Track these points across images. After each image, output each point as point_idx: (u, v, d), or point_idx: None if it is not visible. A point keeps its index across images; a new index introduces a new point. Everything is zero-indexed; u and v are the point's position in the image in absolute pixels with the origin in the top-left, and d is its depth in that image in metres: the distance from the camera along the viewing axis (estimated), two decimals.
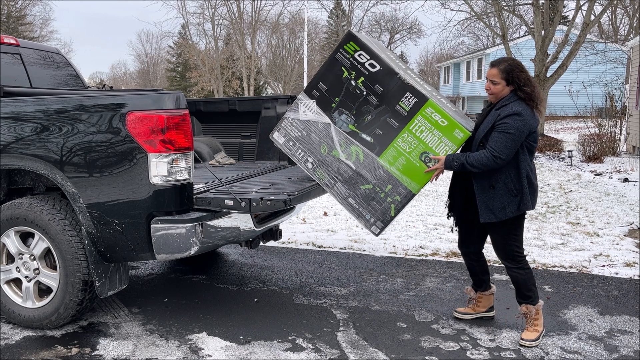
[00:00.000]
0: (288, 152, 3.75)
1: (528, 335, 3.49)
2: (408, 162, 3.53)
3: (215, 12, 38.76)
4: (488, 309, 3.87)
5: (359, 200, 3.63)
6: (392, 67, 3.53)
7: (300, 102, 3.70)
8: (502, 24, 17.40)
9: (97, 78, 62.39)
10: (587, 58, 20.18)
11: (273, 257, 5.49)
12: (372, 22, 55.46)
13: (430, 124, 3.47)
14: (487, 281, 3.86)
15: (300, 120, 3.71)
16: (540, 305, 3.56)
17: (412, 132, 3.50)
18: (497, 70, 3.43)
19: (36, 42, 5.83)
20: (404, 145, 3.52)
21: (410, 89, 3.48)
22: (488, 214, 3.41)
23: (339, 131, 3.63)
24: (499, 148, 3.28)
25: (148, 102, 3.27)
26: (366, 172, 3.60)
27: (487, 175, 3.39)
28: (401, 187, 3.56)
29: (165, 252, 3.34)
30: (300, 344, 3.49)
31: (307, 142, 3.69)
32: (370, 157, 3.58)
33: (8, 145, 3.49)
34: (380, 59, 3.54)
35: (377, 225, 3.63)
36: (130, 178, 3.27)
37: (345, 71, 3.59)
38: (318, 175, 3.68)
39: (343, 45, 3.58)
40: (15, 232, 3.62)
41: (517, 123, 3.29)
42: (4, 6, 39.60)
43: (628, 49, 17.25)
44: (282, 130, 3.76)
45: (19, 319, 3.68)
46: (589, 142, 13.09)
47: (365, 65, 3.55)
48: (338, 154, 3.63)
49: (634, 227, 6.51)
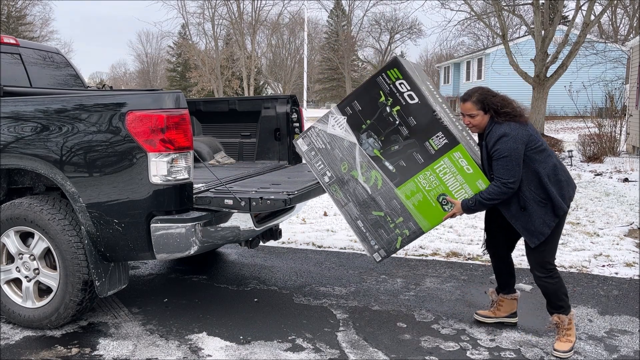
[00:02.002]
0: (308, 161, 3.72)
1: (561, 345, 3.36)
2: (425, 199, 3.52)
3: (215, 12, 38.76)
4: (510, 314, 3.77)
5: (367, 225, 3.62)
6: (430, 103, 3.48)
7: (331, 116, 3.66)
8: (502, 24, 17.38)
9: (97, 78, 62.40)
10: (587, 58, 20.17)
11: (273, 257, 5.49)
12: (372, 22, 55.43)
13: (455, 168, 3.45)
14: (511, 285, 3.78)
15: (327, 133, 3.67)
16: (572, 314, 3.44)
17: (435, 171, 3.48)
18: (471, 104, 3.42)
19: (36, 42, 5.83)
20: (425, 182, 3.51)
21: (443, 129, 3.44)
22: (536, 236, 3.33)
23: (363, 153, 3.60)
24: (504, 174, 3.28)
25: (148, 102, 3.27)
26: (381, 200, 3.59)
27: (511, 200, 3.36)
28: (412, 223, 3.56)
29: (165, 252, 3.33)
30: (300, 344, 3.49)
31: (329, 156, 3.67)
32: (389, 185, 3.57)
33: (8, 144, 3.48)
34: (420, 92, 3.48)
35: (380, 253, 3.63)
36: (130, 177, 3.27)
37: (382, 96, 3.54)
38: (333, 190, 3.68)
39: (386, 70, 3.53)
40: (15, 232, 3.62)
41: (507, 144, 3.27)
42: (4, 6, 39.59)
43: (628, 49, 17.25)
44: (307, 139, 3.72)
45: (19, 319, 3.68)
46: (589, 142, 13.08)
47: (404, 95, 3.50)
48: (357, 175, 3.61)
49: (634, 227, 6.51)
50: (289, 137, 4.97)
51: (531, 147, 3.33)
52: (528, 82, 16.31)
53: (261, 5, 46.70)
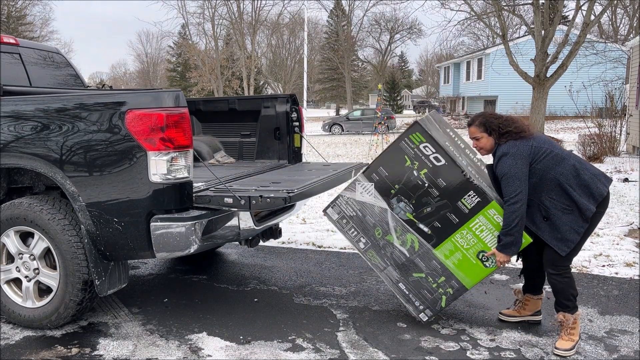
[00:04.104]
0: (341, 229, 3.75)
1: (563, 344, 3.36)
2: (464, 258, 3.54)
3: (215, 12, 38.80)
4: (534, 312, 3.77)
5: (409, 287, 3.65)
6: (459, 163, 3.50)
7: (358, 183, 3.70)
8: (502, 24, 17.38)
9: (97, 78, 62.44)
10: (587, 58, 20.15)
11: (273, 257, 5.48)
12: (372, 22, 55.45)
13: (491, 225, 3.48)
14: (539, 285, 3.76)
15: (356, 200, 3.69)
16: (578, 314, 3.44)
17: (471, 229, 3.51)
18: (474, 127, 3.55)
19: (36, 42, 5.82)
20: (462, 241, 3.53)
21: (475, 187, 3.47)
22: (565, 244, 3.31)
23: (396, 217, 3.62)
24: (506, 192, 3.32)
25: (147, 100, 3.26)
26: (420, 261, 3.62)
27: (534, 214, 3.36)
28: (454, 281, 3.59)
29: (165, 250, 3.33)
30: (300, 344, 3.49)
31: (361, 223, 3.69)
32: (426, 247, 3.60)
33: (8, 144, 3.48)
34: (446, 153, 3.50)
35: (426, 313, 3.65)
36: (130, 176, 3.26)
37: (408, 160, 3.56)
38: (370, 256, 3.71)
39: (409, 135, 3.56)
40: (15, 232, 3.62)
41: (507, 162, 3.34)
42: (4, 6, 39.58)
43: (628, 49, 17.25)
44: (337, 207, 3.75)
45: (19, 318, 3.68)
46: (589, 142, 13.07)
47: (430, 158, 3.52)
48: (393, 239, 3.64)
49: (634, 227, 6.50)
50: (288, 136, 4.96)
51: (538, 157, 3.35)
52: (528, 82, 16.30)
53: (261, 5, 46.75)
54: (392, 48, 58.30)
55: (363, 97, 65.51)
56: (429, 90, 69.13)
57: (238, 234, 3.81)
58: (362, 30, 55.44)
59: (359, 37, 55.76)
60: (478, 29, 44.51)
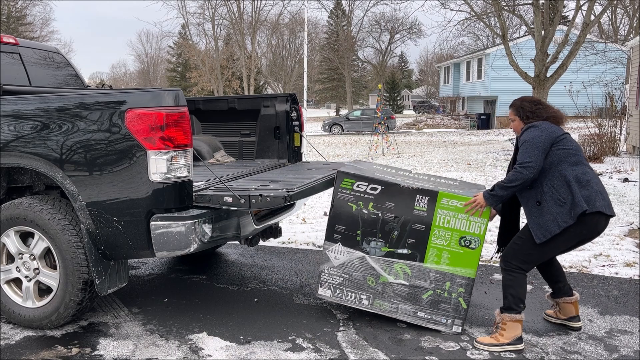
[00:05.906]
0: (339, 300, 3.81)
1: (484, 339, 3.44)
2: (452, 253, 3.61)
3: (215, 12, 38.81)
4: (569, 317, 3.69)
5: (427, 310, 3.68)
6: (390, 180, 3.67)
7: (327, 251, 3.79)
8: (502, 24, 17.39)
9: (97, 78, 62.45)
10: (587, 58, 20.17)
11: (273, 257, 5.48)
12: (372, 22, 55.46)
13: (452, 212, 3.57)
14: (561, 289, 3.70)
15: (335, 266, 3.78)
16: (515, 318, 3.39)
17: (440, 226, 3.59)
18: (511, 110, 3.63)
19: (36, 42, 5.82)
20: (440, 240, 3.61)
21: (417, 191, 3.61)
22: (542, 232, 3.29)
23: (376, 258, 3.70)
24: (522, 157, 3.32)
25: (147, 100, 3.26)
26: (420, 282, 3.66)
27: (530, 195, 3.37)
28: (459, 279, 3.62)
29: (165, 250, 3.33)
30: (300, 344, 3.49)
31: (352, 283, 3.76)
32: (416, 266, 3.66)
33: (8, 143, 3.48)
34: (377, 179, 3.67)
35: (457, 324, 3.65)
36: (130, 176, 3.26)
37: (353, 205, 3.69)
38: (378, 306, 3.75)
39: (339, 185, 3.71)
40: (15, 232, 3.61)
41: (531, 132, 3.37)
42: (4, 6, 39.58)
43: (628, 49, 17.24)
44: (324, 284, 3.83)
45: (19, 318, 3.68)
46: (589, 142, 13.08)
47: (368, 191, 3.67)
48: (386, 278, 3.70)
49: (634, 227, 6.50)
50: (288, 135, 4.96)
51: (560, 145, 3.35)
52: (528, 82, 16.30)
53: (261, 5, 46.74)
54: (392, 48, 58.33)
55: (363, 97, 65.56)
56: (429, 90, 69.17)
57: (238, 233, 3.81)
58: (362, 30, 55.49)
59: (359, 37, 55.80)
60: (478, 29, 44.54)
